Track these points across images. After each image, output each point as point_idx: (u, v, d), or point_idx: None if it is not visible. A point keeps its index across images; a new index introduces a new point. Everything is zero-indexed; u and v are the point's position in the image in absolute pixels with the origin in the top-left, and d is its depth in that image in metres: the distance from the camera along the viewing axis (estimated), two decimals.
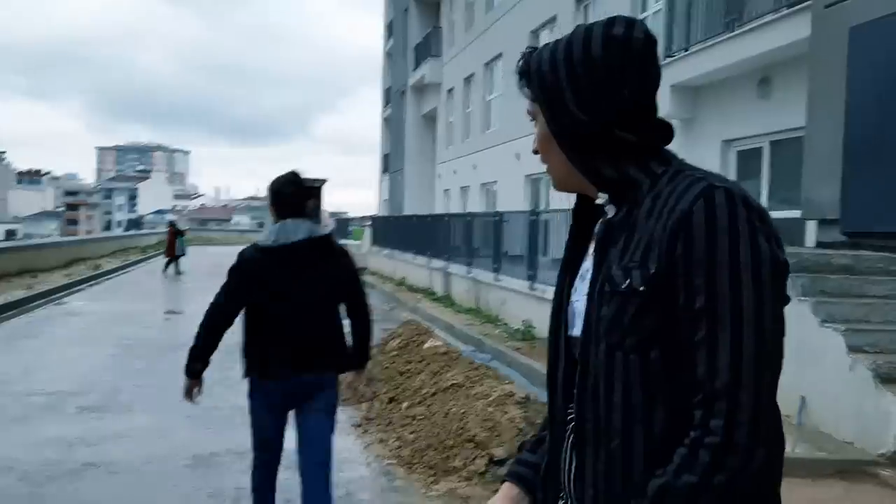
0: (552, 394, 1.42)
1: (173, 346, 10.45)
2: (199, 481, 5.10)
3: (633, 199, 1.25)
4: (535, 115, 1.35)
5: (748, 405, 1.11)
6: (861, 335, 5.91)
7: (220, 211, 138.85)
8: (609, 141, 1.27)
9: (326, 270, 3.71)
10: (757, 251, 1.14)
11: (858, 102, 7.65)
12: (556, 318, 1.41)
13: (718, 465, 1.10)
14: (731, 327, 1.12)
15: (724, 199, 1.15)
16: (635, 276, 1.19)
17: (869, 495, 4.95)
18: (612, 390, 1.21)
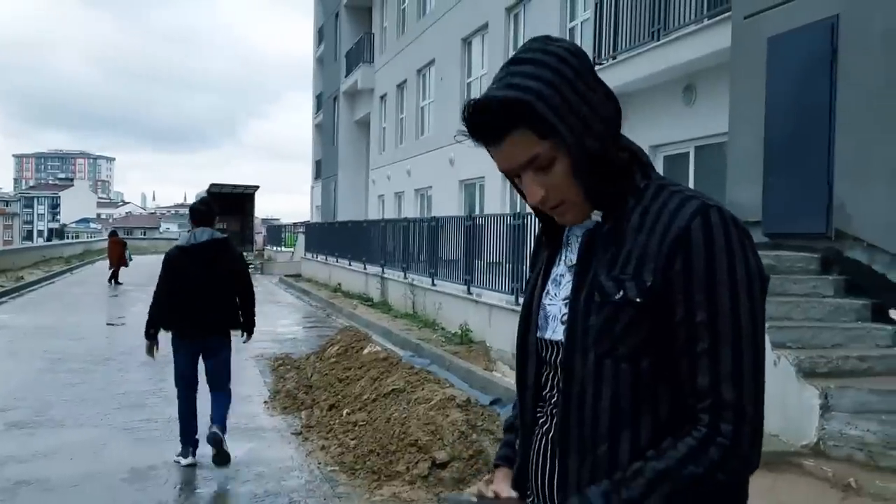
0: (522, 393, 1.45)
1: (104, 358, 10.20)
2: (139, 495, 5.01)
3: (620, 212, 1.30)
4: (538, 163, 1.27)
5: (752, 417, 1.19)
6: (784, 332, 6.19)
7: (148, 219, 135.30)
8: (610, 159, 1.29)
9: (223, 263, 5.67)
10: (749, 269, 1.22)
11: (776, 109, 8.00)
12: (526, 321, 1.44)
13: (723, 465, 1.18)
14: (731, 341, 1.19)
15: (718, 219, 1.22)
16: (630, 287, 1.23)
17: (794, 484, 5.19)
18: (600, 397, 1.25)
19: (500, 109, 1.23)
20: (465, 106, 1.27)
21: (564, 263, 1.39)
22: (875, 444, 5.34)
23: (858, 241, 7.08)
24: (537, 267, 1.48)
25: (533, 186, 1.28)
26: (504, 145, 1.26)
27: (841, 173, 7.25)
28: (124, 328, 13.70)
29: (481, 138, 1.28)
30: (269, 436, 6.55)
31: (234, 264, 5.83)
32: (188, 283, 5.53)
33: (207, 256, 5.58)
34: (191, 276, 5.55)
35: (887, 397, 5.56)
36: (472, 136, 1.29)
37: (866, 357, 6.06)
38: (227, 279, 5.67)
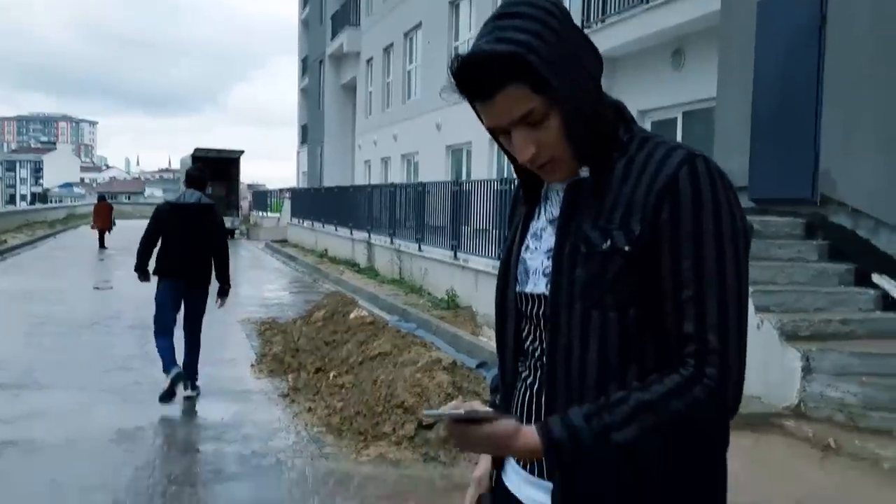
0: (502, 349, 1.46)
1: (90, 321, 10.18)
2: (127, 455, 5.02)
3: (603, 164, 1.29)
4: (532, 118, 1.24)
5: (735, 366, 1.20)
6: (768, 296, 6.25)
7: (132, 184, 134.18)
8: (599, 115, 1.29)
9: (204, 223, 6.41)
10: (735, 220, 1.23)
11: (764, 74, 7.98)
12: (505, 276, 1.44)
13: (706, 406, 1.18)
14: (717, 290, 1.20)
15: (705, 169, 1.22)
16: (617, 236, 1.23)
17: (775, 444, 5.27)
18: (588, 349, 1.25)
19: (493, 64, 1.20)
20: (454, 60, 1.24)
21: (545, 217, 1.38)
22: (855, 405, 5.43)
23: (843, 206, 7.13)
24: (514, 223, 1.48)
25: (524, 143, 1.26)
26: (496, 101, 1.23)
27: (827, 139, 7.27)
28: (111, 292, 13.65)
29: (471, 94, 1.26)
30: (255, 398, 6.57)
31: (215, 228, 6.54)
32: (173, 235, 6.37)
33: (192, 216, 6.40)
34: (175, 229, 6.37)
35: (867, 360, 5.64)
36: (461, 92, 1.26)
37: (848, 320, 6.14)
38: (206, 238, 6.42)
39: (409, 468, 4.84)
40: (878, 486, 4.55)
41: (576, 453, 1.19)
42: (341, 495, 4.39)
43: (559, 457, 1.20)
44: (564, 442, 1.19)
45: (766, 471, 4.77)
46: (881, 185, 6.70)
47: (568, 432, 1.19)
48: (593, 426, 1.18)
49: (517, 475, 1.40)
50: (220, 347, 8.73)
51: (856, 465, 4.87)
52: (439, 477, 4.70)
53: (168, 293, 6.37)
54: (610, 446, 1.18)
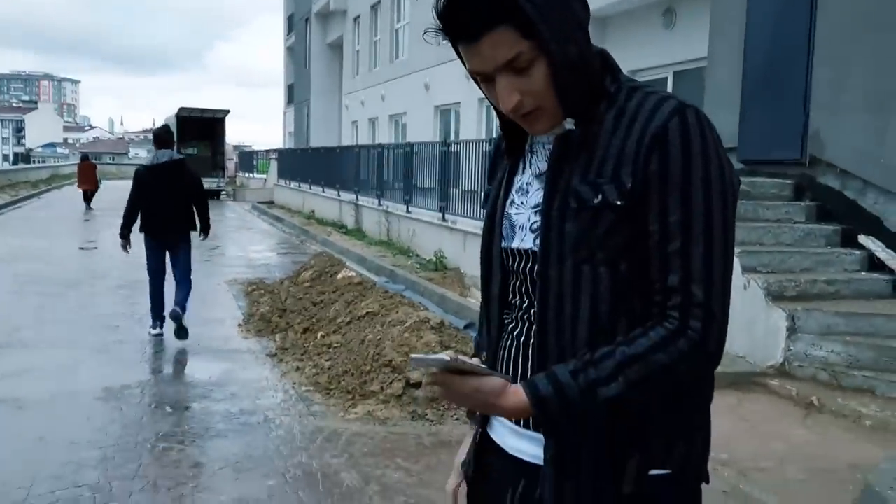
0: (487, 304, 1.45)
1: (76, 281, 10.12)
2: (114, 413, 5.02)
3: (591, 116, 1.26)
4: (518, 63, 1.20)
5: (720, 318, 1.19)
6: (755, 256, 6.27)
7: (116, 144, 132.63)
8: (588, 64, 1.25)
9: (180, 178, 6.94)
10: (724, 172, 1.21)
11: (756, 34, 7.92)
12: (490, 232, 1.42)
13: (690, 358, 1.18)
14: (704, 243, 1.18)
15: (695, 120, 1.20)
16: (609, 190, 1.21)
17: (759, 403, 5.33)
18: (579, 305, 1.24)
19: (481, 3, 1.16)
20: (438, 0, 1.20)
21: (531, 171, 1.35)
22: (838, 364, 5.49)
23: (831, 167, 7.13)
24: (498, 177, 1.45)
25: (509, 91, 1.22)
26: (482, 43, 1.19)
27: (817, 100, 7.25)
28: (96, 252, 13.56)
29: (457, 33, 1.21)
30: (243, 357, 6.57)
31: (190, 179, 7.10)
32: (153, 194, 6.89)
33: (167, 173, 6.91)
34: (155, 188, 6.89)
35: (852, 319, 5.69)
36: (446, 31, 1.22)
37: (834, 281, 6.17)
38: (183, 191, 6.98)
39: (397, 426, 4.86)
40: (859, 442, 4.62)
41: (563, 410, 1.18)
42: (329, 452, 4.41)
43: (546, 414, 1.19)
44: (551, 398, 1.18)
45: (750, 428, 4.83)
46: (869, 145, 6.70)
47: (554, 389, 1.18)
48: (580, 382, 1.18)
49: (503, 426, 1.40)
50: (208, 308, 8.71)
51: (838, 423, 4.94)
52: (427, 434, 4.73)
53: (153, 247, 7.05)
54: (597, 401, 1.17)
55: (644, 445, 1.24)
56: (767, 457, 4.38)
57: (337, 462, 4.27)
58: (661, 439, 1.25)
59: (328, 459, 4.30)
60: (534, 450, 1.32)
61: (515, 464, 1.36)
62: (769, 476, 4.14)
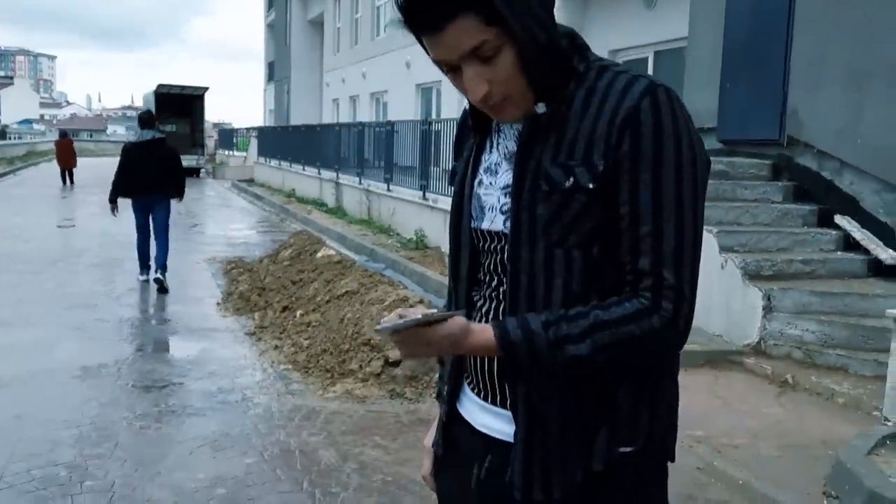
0: (455, 283, 1.44)
1: (53, 259, 10.02)
2: (91, 391, 4.99)
3: (560, 97, 1.24)
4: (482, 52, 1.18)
5: (689, 298, 1.20)
6: (732, 236, 6.31)
7: (94, 121, 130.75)
8: (556, 47, 1.23)
9: (161, 153, 8.44)
10: (695, 153, 1.20)
11: (736, 14, 7.93)
12: (458, 211, 1.41)
13: (660, 335, 1.18)
14: (674, 224, 1.18)
15: (666, 99, 1.18)
16: (580, 173, 1.20)
17: (734, 380, 5.40)
18: (552, 288, 1.23)
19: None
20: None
21: (498, 152, 1.34)
22: (813, 342, 5.56)
23: (809, 147, 7.18)
24: (465, 155, 1.43)
25: (476, 81, 1.19)
26: (446, 33, 1.16)
27: (796, 80, 7.28)
28: (74, 230, 13.42)
29: (419, 25, 1.18)
30: (221, 336, 6.55)
31: (168, 152, 8.58)
32: (138, 164, 8.35)
33: (149, 148, 8.42)
34: (139, 159, 8.37)
35: (827, 299, 5.76)
36: (408, 23, 1.19)
37: (810, 261, 6.24)
38: (163, 162, 8.43)
39: (376, 404, 4.88)
40: (831, 419, 4.69)
41: (529, 357, 1.18)
42: (307, 430, 4.41)
43: (512, 358, 1.19)
44: (519, 343, 1.18)
45: (725, 406, 4.89)
46: (846, 126, 6.74)
47: (524, 335, 1.18)
48: (550, 334, 1.18)
49: (472, 403, 1.40)
50: (186, 286, 8.66)
51: (812, 401, 5.01)
52: (405, 412, 4.75)
53: (139, 207, 8.53)
54: (564, 356, 1.17)
55: (611, 418, 1.25)
56: (742, 433, 4.44)
57: (315, 440, 4.27)
58: (626, 412, 1.26)
59: (306, 437, 4.31)
60: (501, 426, 1.32)
61: (483, 439, 1.36)
62: (743, 452, 4.20)
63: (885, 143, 6.37)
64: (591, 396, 1.24)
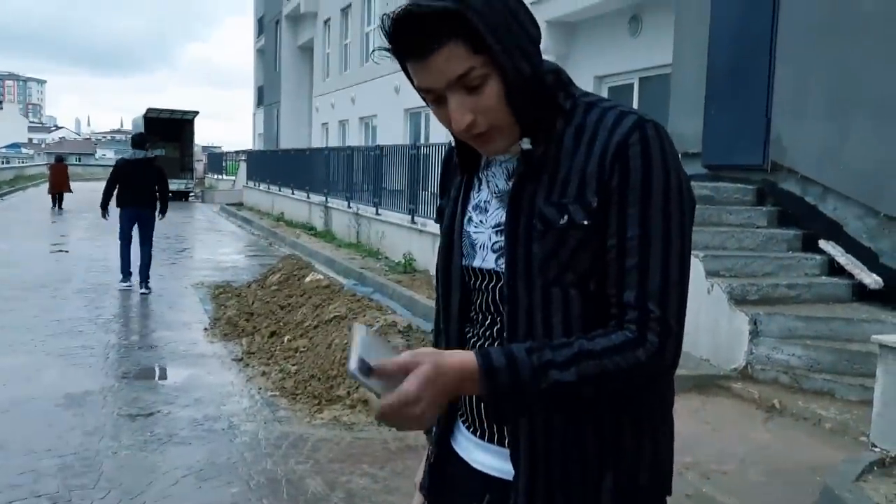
0: (447, 323, 1.42)
1: (39, 284, 9.95)
2: (75, 420, 4.94)
3: (549, 135, 1.25)
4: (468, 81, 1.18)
5: (676, 331, 1.19)
6: (718, 261, 6.35)
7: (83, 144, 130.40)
8: (541, 80, 1.24)
9: (150, 171, 9.69)
10: (682, 187, 1.21)
11: (719, 42, 8.03)
12: (448, 249, 1.40)
13: (646, 368, 1.18)
14: (661, 258, 1.18)
15: (655, 134, 1.20)
16: (574, 211, 1.20)
17: (722, 405, 5.40)
18: (551, 325, 1.23)
19: (430, 20, 1.14)
20: (385, 17, 1.17)
21: (489, 190, 1.34)
22: (799, 367, 5.58)
23: (793, 172, 7.25)
24: (452, 193, 1.42)
25: (461, 110, 1.19)
26: (431, 60, 1.16)
27: (779, 107, 7.37)
28: (61, 255, 13.35)
29: (406, 51, 1.18)
30: (208, 362, 6.51)
31: (156, 173, 9.91)
32: (129, 179, 9.67)
33: (139, 166, 9.71)
34: (130, 175, 9.67)
35: (812, 323, 5.79)
36: (395, 49, 1.19)
37: (795, 285, 6.28)
38: (151, 180, 9.80)
39: (364, 431, 4.85)
40: (819, 445, 4.70)
41: (512, 384, 1.15)
42: (295, 458, 4.38)
43: (494, 386, 1.15)
44: (502, 369, 1.14)
45: (713, 431, 4.89)
46: (829, 151, 6.82)
47: (507, 360, 1.15)
48: (534, 360, 1.15)
49: (467, 440, 1.38)
50: (174, 311, 8.62)
51: (799, 426, 5.02)
52: (393, 439, 4.72)
53: (127, 216, 9.72)
54: (548, 382, 1.14)
55: (618, 458, 1.24)
56: (730, 459, 4.44)
57: (302, 468, 4.24)
58: (631, 449, 1.25)
59: (293, 466, 4.28)
60: (498, 464, 1.31)
61: (480, 477, 1.34)
62: (731, 478, 4.20)
63: (867, 169, 6.44)
64: (597, 435, 1.24)
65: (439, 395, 1.13)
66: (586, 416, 1.23)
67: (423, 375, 1.11)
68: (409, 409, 1.11)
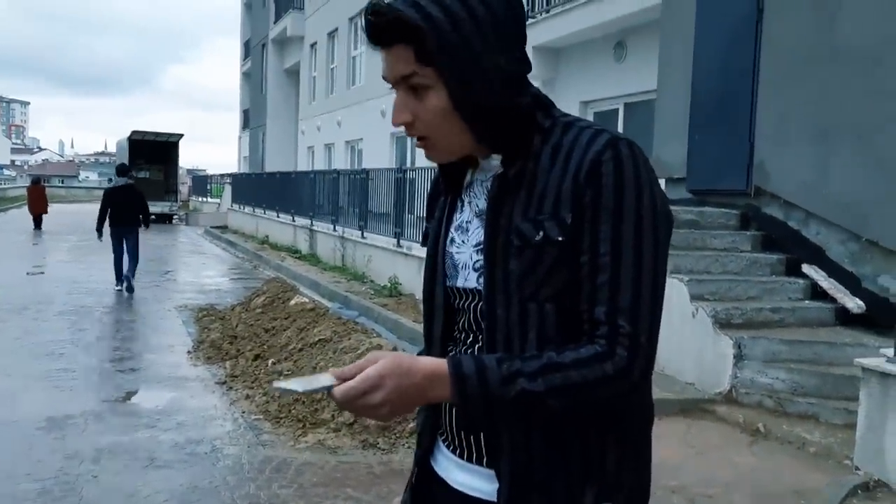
0: (430, 345, 1.43)
1: (20, 307, 9.85)
2: (55, 443, 4.87)
3: (525, 153, 1.27)
4: (413, 84, 1.23)
5: (646, 348, 1.19)
6: (703, 284, 6.39)
7: (66, 167, 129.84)
8: (510, 105, 1.26)
9: (132, 196, 11.88)
10: (655, 204, 1.22)
11: (703, 68, 8.14)
12: (432, 271, 1.41)
13: (612, 382, 1.18)
14: (632, 275, 1.19)
15: (629, 152, 1.21)
16: (550, 227, 1.22)
17: (707, 429, 5.41)
18: (526, 341, 1.24)
19: (389, 18, 1.20)
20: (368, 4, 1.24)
21: (470, 210, 1.36)
22: (783, 391, 5.60)
23: (776, 198, 7.32)
24: (437, 215, 1.45)
25: (400, 107, 1.26)
26: (387, 53, 1.24)
27: (762, 132, 7.46)
28: (42, 277, 13.23)
29: (369, 38, 1.25)
30: (191, 385, 6.45)
31: (138, 197, 11.97)
32: (116, 203, 11.67)
33: (124, 192, 11.80)
34: (116, 199, 11.70)
35: (796, 347, 5.82)
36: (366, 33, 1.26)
37: (778, 309, 6.32)
38: (133, 202, 11.80)
39: (348, 455, 4.81)
40: (803, 468, 4.70)
41: (481, 392, 1.16)
42: (278, 482, 4.34)
43: (464, 391, 1.17)
44: (471, 376, 1.16)
45: (697, 455, 4.89)
46: (811, 177, 6.90)
47: (477, 368, 1.17)
48: (503, 369, 1.17)
49: (448, 460, 1.38)
50: (156, 334, 8.55)
51: (783, 449, 5.03)
52: (378, 463, 4.69)
53: (117, 234, 11.60)
54: (516, 391, 1.16)
55: (598, 476, 1.25)
56: (715, 483, 4.44)
57: (285, 493, 4.20)
58: (611, 468, 1.26)
59: (276, 490, 4.23)
60: (479, 484, 1.31)
61: (460, 498, 1.34)
62: (717, 502, 4.19)
63: (849, 194, 6.52)
64: (577, 454, 1.24)
65: (404, 394, 1.16)
66: (568, 433, 1.23)
67: (383, 366, 1.15)
68: (370, 397, 1.14)
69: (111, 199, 11.65)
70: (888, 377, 4.25)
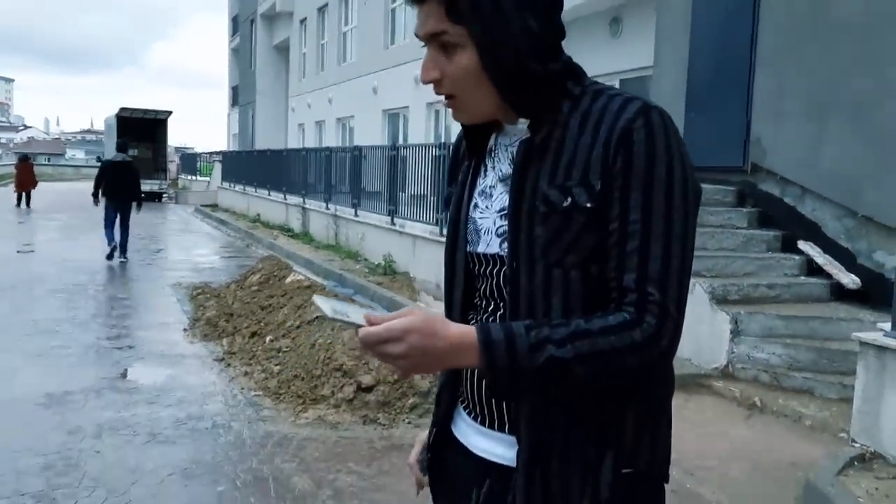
0: (449, 309, 1.43)
1: (10, 285, 9.80)
2: (56, 419, 4.87)
3: (554, 119, 1.26)
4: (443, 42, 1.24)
5: (675, 316, 1.19)
6: (699, 261, 6.41)
7: (52, 145, 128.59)
8: (541, 70, 1.25)
9: (127, 171, 12.71)
10: (686, 175, 1.22)
11: (700, 43, 8.12)
12: (454, 237, 1.41)
13: (642, 349, 1.17)
14: (662, 242, 1.18)
15: (661, 120, 1.21)
16: (578, 193, 1.21)
17: (704, 404, 5.46)
18: (551, 308, 1.24)
19: None
20: None
21: (494, 175, 1.35)
22: (779, 366, 5.65)
23: (772, 174, 7.35)
24: (459, 179, 1.44)
25: (430, 64, 1.26)
26: (423, 8, 1.24)
27: (758, 109, 7.46)
28: (33, 255, 13.16)
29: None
30: (189, 362, 6.45)
31: (132, 172, 12.75)
32: (112, 177, 12.47)
33: (120, 167, 12.61)
34: (113, 173, 12.50)
35: (792, 322, 5.87)
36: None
37: (775, 285, 6.36)
38: (128, 177, 12.57)
39: (348, 430, 4.84)
40: (799, 441, 4.76)
41: (509, 359, 1.16)
42: (280, 457, 4.36)
43: (492, 358, 1.16)
44: (500, 343, 1.16)
45: (694, 429, 4.94)
46: (807, 154, 6.92)
47: (506, 335, 1.17)
48: (531, 336, 1.16)
49: (468, 426, 1.39)
50: (151, 312, 8.54)
51: (779, 423, 5.09)
52: (378, 438, 4.72)
53: (110, 205, 12.37)
54: (544, 358, 1.15)
55: (617, 443, 1.25)
56: (712, 456, 4.49)
57: (288, 467, 4.22)
58: (631, 435, 1.26)
59: (279, 464, 4.25)
60: (500, 450, 1.31)
61: (480, 463, 1.35)
62: (714, 474, 4.24)
63: (845, 171, 6.55)
64: (597, 420, 1.24)
65: (426, 354, 1.16)
66: (588, 401, 1.23)
67: (411, 322, 1.15)
68: (389, 346, 1.14)
69: (109, 173, 12.49)
70: (885, 351, 4.30)
